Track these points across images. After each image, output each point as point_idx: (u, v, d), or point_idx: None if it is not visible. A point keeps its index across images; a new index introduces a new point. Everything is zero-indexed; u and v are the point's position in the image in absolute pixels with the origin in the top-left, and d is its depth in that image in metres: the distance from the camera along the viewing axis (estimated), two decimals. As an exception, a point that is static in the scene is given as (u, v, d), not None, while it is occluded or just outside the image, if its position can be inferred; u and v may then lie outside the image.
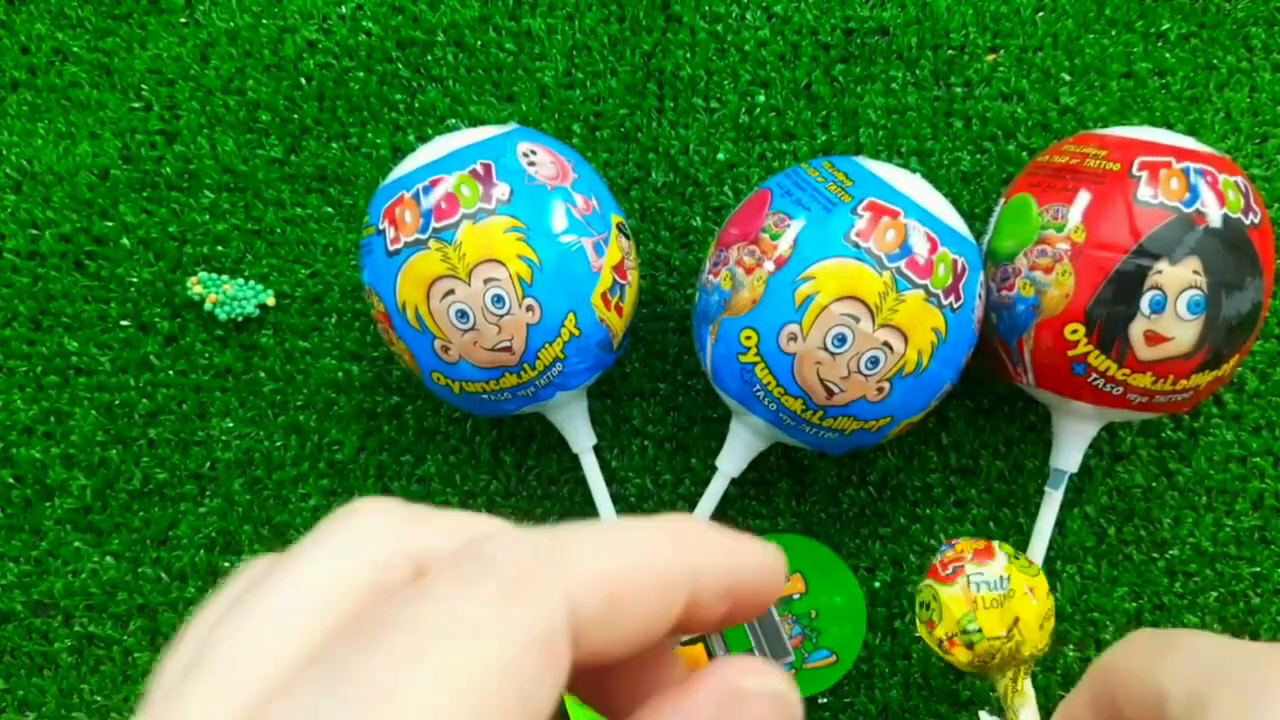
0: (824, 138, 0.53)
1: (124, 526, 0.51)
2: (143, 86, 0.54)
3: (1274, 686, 0.16)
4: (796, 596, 0.49)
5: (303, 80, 0.54)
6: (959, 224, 0.42)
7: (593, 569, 0.14)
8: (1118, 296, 0.40)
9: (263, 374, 0.52)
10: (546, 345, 0.42)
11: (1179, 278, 0.40)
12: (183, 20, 0.54)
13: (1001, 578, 0.39)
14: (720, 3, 0.54)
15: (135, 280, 0.52)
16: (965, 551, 0.41)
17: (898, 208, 0.40)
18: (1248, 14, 0.53)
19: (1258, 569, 0.50)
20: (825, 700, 0.50)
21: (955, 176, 0.52)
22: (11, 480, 0.51)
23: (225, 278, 0.52)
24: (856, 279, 0.39)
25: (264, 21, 0.54)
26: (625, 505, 0.51)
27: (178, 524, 0.51)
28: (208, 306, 0.51)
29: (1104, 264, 0.40)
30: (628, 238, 0.46)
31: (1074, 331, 0.41)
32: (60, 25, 0.55)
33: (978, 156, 0.52)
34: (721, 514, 0.51)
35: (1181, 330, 0.40)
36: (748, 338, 0.41)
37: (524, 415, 0.49)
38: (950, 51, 0.53)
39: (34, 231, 0.53)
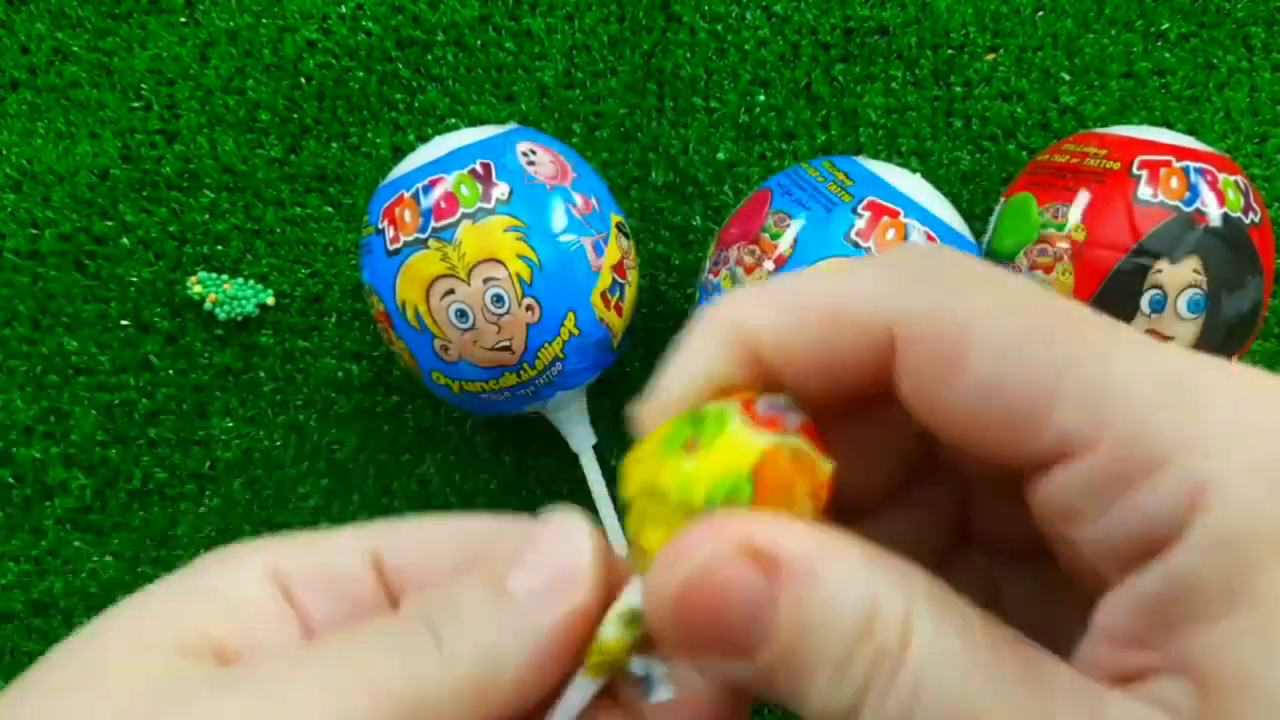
0: (824, 137, 0.53)
1: (124, 526, 0.51)
2: (143, 86, 0.54)
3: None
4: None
5: (303, 80, 0.54)
6: (959, 224, 0.42)
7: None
8: (1118, 296, 0.40)
9: (263, 373, 0.52)
10: (546, 345, 0.42)
11: (1179, 277, 0.40)
12: (183, 20, 0.54)
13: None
14: (720, 2, 0.54)
15: (135, 280, 0.52)
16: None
17: (898, 207, 0.40)
18: (1248, 14, 0.53)
19: (1258, 569, 0.50)
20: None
21: (955, 176, 0.52)
22: (11, 480, 0.51)
23: (225, 277, 0.52)
24: (856, 278, 0.39)
25: (264, 21, 0.54)
26: (625, 505, 0.51)
27: (178, 524, 0.51)
28: (207, 306, 0.51)
29: (1104, 263, 0.40)
30: (627, 237, 0.46)
31: (1074, 331, 0.41)
32: (60, 25, 0.55)
33: (978, 156, 0.52)
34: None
35: (1181, 329, 0.40)
36: (748, 337, 0.41)
37: (524, 415, 0.49)
38: (950, 51, 0.53)
39: (34, 231, 0.53)
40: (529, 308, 0.41)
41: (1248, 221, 0.41)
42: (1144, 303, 0.40)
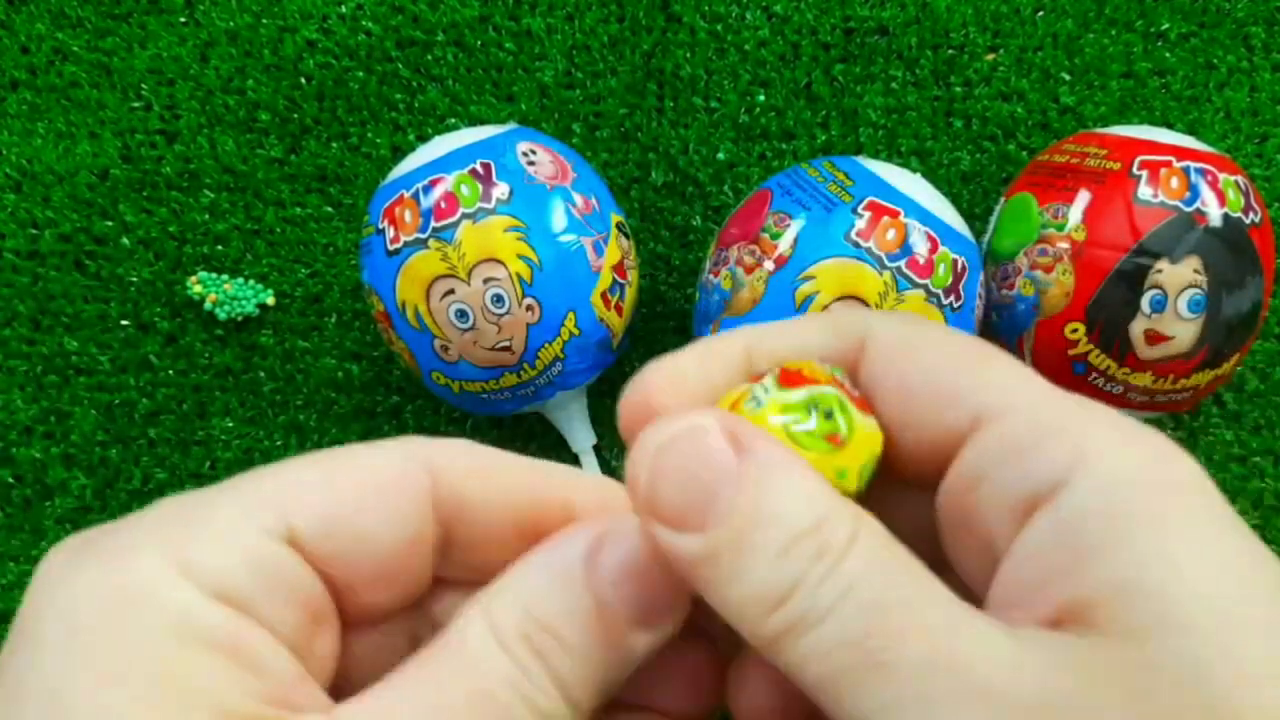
0: (824, 137, 0.53)
1: (124, 526, 0.51)
2: (143, 86, 0.54)
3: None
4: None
5: (303, 80, 0.54)
6: (959, 224, 0.42)
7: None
8: (1118, 295, 0.40)
9: (263, 374, 0.52)
10: (546, 345, 0.42)
11: (1179, 277, 0.40)
12: (183, 20, 0.54)
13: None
14: (720, 3, 0.54)
15: (135, 280, 0.52)
16: None
17: (898, 207, 0.40)
18: (1248, 14, 0.53)
19: (1258, 569, 0.50)
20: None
21: (955, 176, 0.52)
22: (11, 480, 0.51)
23: (225, 277, 0.52)
24: (857, 278, 0.39)
25: (264, 21, 0.54)
26: (625, 505, 0.51)
27: (177, 524, 0.51)
28: (208, 306, 0.51)
29: (1104, 263, 0.40)
30: (627, 237, 0.46)
31: (1074, 330, 0.41)
32: (60, 25, 0.55)
33: (978, 156, 0.52)
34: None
35: (1182, 329, 0.40)
36: (748, 337, 0.41)
37: (524, 415, 0.49)
38: (950, 51, 0.53)
39: (34, 231, 0.53)
40: (529, 308, 0.41)
41: (1248, 221, 0.41)
42: (1144, 303, 0.40)
